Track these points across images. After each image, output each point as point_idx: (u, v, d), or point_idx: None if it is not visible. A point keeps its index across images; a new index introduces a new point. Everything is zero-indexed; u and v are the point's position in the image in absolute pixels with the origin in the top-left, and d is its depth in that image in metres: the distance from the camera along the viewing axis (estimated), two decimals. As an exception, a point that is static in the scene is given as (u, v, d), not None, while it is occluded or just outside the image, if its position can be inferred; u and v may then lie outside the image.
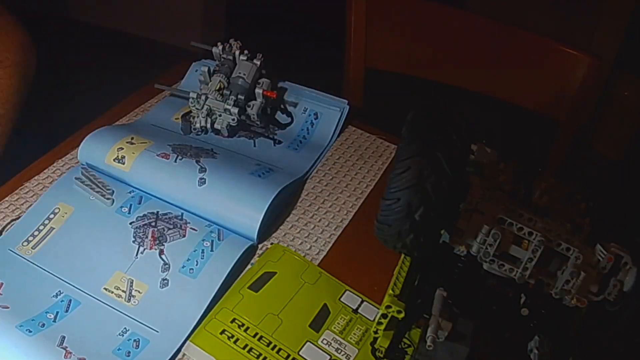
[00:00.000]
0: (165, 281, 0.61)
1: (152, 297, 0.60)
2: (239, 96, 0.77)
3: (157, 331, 0.58)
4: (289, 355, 0.57)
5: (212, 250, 0.63)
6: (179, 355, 0.56)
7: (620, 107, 2.16)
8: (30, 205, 0.67)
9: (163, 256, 0.63)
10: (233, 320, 0.58)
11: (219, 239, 0.65)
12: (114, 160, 0.70)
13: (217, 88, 0.77)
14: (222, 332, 0.57)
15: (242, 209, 0.67)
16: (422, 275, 0.61)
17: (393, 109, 0.65)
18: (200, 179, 0.68)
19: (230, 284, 0.62)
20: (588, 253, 0.56)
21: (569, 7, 2.25)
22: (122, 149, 0.70)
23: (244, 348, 0.56)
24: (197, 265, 0.62)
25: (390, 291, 0.57)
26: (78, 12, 2.39)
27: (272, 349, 0.57)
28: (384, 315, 0.55)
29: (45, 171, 0.72)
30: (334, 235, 0.70)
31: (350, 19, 1.11)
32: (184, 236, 0.64)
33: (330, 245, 0.69)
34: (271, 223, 0.70)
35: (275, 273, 0.64)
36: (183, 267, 0.62)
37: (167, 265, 0.62)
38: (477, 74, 1.11)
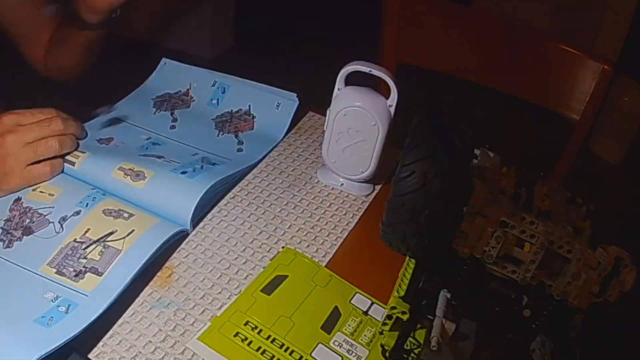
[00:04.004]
0: None
1: None
2: None
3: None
4: (301, 357, 0.58)
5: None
6: (193, 357, 0.58)
7: (620, 113, 2.17)
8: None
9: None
10: (246, 323, 0.60)
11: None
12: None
13: None
14: (236, 334, 0.59)
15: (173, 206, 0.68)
16: (427, 277, 0.62)
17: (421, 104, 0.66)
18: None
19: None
20: (589, 255, 0.57)
21: (570, 13, 2.26)
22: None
23: (257, 350, 0.58)
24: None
25: (395, 292, 0.58)
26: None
27: (285, 350, 0.58)
28: (389, 316, 0.56)
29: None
30: (340, 238, 0.72)
31: (386, 19, 1.16)
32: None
33: (336, 247, 0.71)
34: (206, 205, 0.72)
35: (287, 276, 0.65)
36: None
37: None
38: (499, 75, 1.16)
